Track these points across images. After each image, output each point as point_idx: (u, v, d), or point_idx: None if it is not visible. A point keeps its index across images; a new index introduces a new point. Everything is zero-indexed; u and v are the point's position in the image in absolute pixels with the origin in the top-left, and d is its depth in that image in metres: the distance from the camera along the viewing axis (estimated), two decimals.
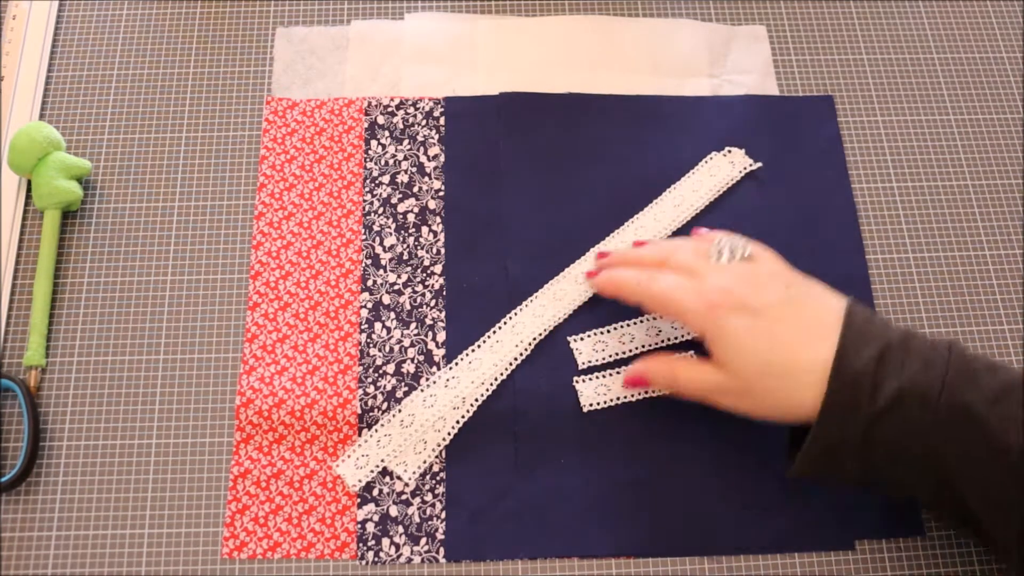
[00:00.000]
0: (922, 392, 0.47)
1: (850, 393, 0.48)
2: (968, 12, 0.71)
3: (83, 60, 0.67)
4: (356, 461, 0.56)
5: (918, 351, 0.48)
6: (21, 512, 0.55)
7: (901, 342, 0.49)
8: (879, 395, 0.47)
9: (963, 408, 0.46)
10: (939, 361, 0.48)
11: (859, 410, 0.48)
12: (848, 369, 0.48)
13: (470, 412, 0.57)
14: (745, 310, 0.51)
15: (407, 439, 0.56)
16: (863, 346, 0.48)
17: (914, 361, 0.48)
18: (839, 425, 0.48)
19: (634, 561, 0.54)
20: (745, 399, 0.52)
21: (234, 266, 0.61)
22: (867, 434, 0.48)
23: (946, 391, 0.47)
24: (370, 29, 0.68)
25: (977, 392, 0.47)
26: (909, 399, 0.47)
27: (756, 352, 0.50)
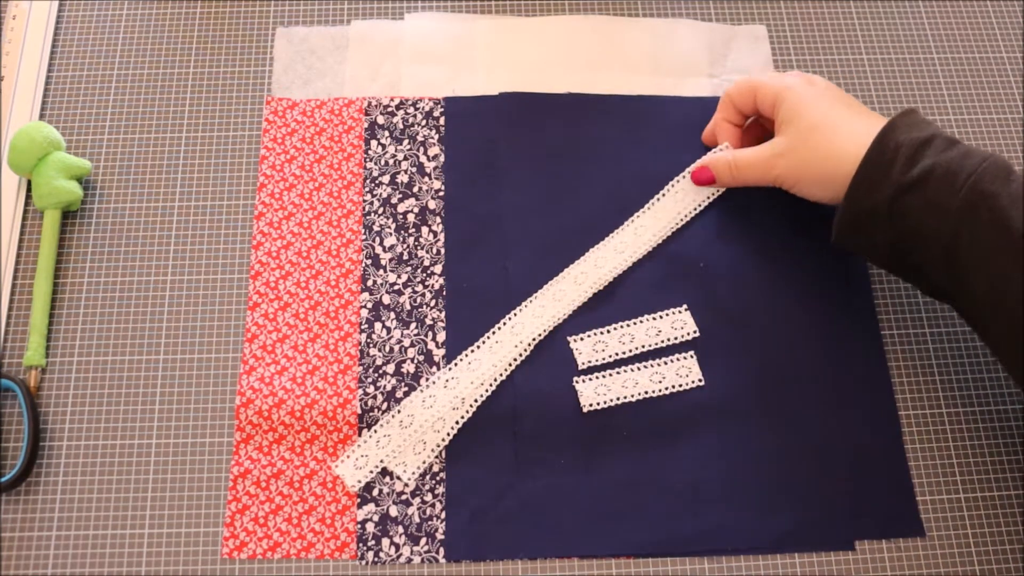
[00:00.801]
0: (953, 172, 0.50)
1: (887, 160, 0.51)
2: (968, 12, 0.71)
3: (83, 60, 0.67)
4: (356, 461, 0.56)
5: (963, 146, 0.51)
6: (21, 512, 0.55)
7: (950, 138, 0.52)
8: (913, 167, 0.51)
9: (986, 196, 0.48)
10: (978, 157, 0.50)
11: (890, 178, 0.51)
12: (891, 139, 0.52)
13: (469, 413, 0.57)
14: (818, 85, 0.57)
15: (407, 439, 0.56)
16: (914, 128, 0.52)
17: (955, 150, 0.51)
18: (870, 189, 0.52)
19: (634, 561, 0.54)
20: (797, 155, 0.55)
21: (234, 266, 0.61)
22: (894, 203, 0.51)
23: (975, 177, 0.49)
24: (370, 29, 0.68)
25: (1004, 187, 0.49)
26: (937, 176, 0.50)
27: (815, 109, 0.55)
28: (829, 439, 0.57)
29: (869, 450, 0.57)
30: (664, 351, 0.59)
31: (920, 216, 0.50)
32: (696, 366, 0.58)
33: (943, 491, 0.57)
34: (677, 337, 0.59)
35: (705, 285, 0.61)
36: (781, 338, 0.59)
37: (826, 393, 0.58)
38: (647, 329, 0.59)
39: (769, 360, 0.59)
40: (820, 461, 0.56)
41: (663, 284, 0.60)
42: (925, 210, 0.50)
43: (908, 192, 0.51)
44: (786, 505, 0.55)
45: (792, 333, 0.59)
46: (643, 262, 0.61)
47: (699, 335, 0.59)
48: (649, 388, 0.58)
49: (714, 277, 0.61)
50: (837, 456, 0.57)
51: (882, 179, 0.51)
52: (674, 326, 0.59)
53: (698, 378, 0.58)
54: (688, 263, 0.61)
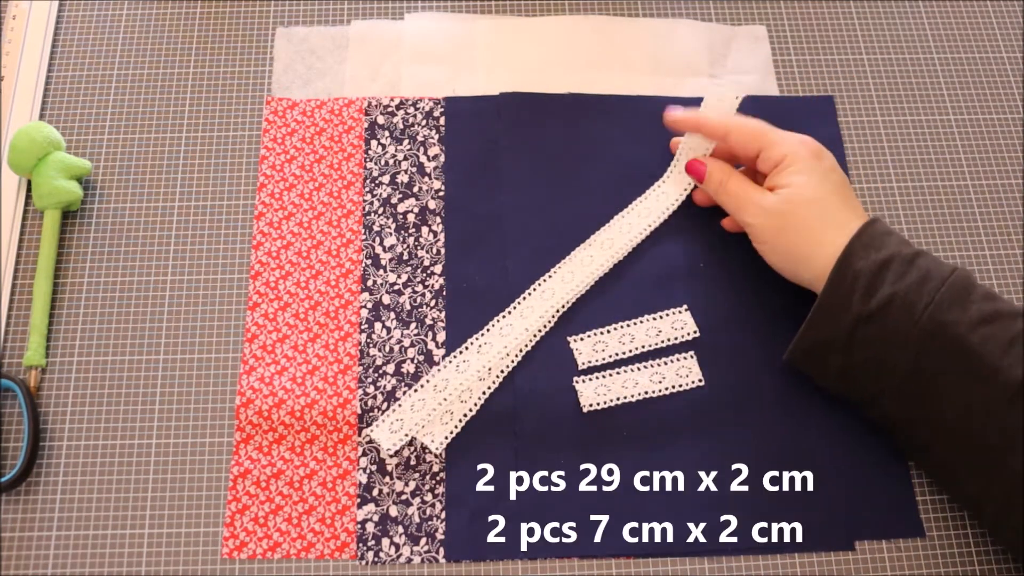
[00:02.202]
0: (910, 302, 0.50)
1: (847, 289, 0.51)
2: (968, 12, 0.71)
3: (83, 60, 0.67)
4: (390, 426, 0.56)
5: (922, 267, 0.51)
6: (21, 512, 0.55)
7: (910, 256, 0.52)
8: (871, 298, 0.50)
9: (943, 325, 0.49)
10: (937, 279, 0.50)
11: (850, 308, 0.51)
12: (851, 266, 0.51)
13: (496, 383, 0.57)
14: (825, 161, 0.56)
15: (439, 405, 0.56)
16: (872, 250, 0.52)
17: (914, 274, 0.51)
18: (831, 319, 0.52)
19: (634, 561, 0.54)
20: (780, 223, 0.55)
21: (234, 266, 0.61)
22: (853, 333, 0.51)
23: (933, 306, 0.49)
24: (370, 29, 0.68)
25: (963, 313, 0.49)
26: (896, 307, 0.50)
27: (814, 187, 0.55)
28: (829, 439, 0.57)
29: (869, 450, 0.57)
30: (664, 351, 0.59)
31: (879, 347, 0.51)
32: (696, 366, 0.58)
33: (943, 491, 0.56)
34: (677, 337, 0.59)
35: (705, 285, 0.61)
36: (781, 338, 0.59)
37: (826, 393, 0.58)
38: (647, 329, 0.59)
39: (769, 360, 0.59)
40: (820, 461, 0.56)
41: (663, 284, 0.61)
42: (884, 341, 0.50)
43: (867, 323, 0.51)
44: (786, 505, 0.55)
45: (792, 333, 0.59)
46: (643, 262, 0.61)
47: (699, 335, 0.59)
48: (649, 388, 0.58)
49: (714, 277, 0.61)
50: (837, 456, 0.57)
51: (841, 310, 0.51)
52: (674, 326, 0.59)
53: (698, 378, 0.58)
54: (688, 263, 0.61)
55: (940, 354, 0.49)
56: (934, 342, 0.49)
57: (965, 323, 0.49)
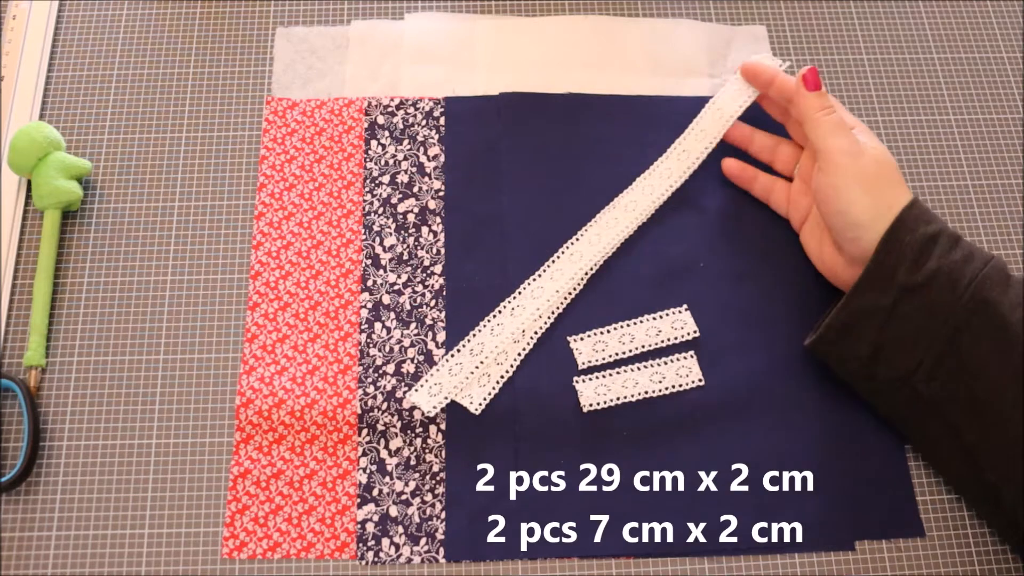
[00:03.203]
0: (955, 278, 0.51)
1: (895, 260, 0.52)
2: (968, 12, 0.71)
3: (83, 60, 0.67)
4: (430, 389, 0.56)
5: (966, 247, 0.52)
6: (21, 512, 0.55)
7: (955, 235, 0.53)
8: (918, 270, 0.51)
9: (986, 302, 0.50)
10: (980, 260, 0.52)
11: (897, 278, 0.52)
12: (901, 237, 0.52)
13: (530, 345, 0.58)
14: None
15: (476, 368, 0.57)
16: (922, 223, 0.53)
17: (959, 252, 0.52)
18: (878, 287, 0.52)
19: (634, 561, 0.54)
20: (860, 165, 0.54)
21: (234, 266, 0.61)
22: (896, 304, 0.51)
23: (977, 282, 0.50)
24: (370, 29, 0.68)
25: (1003, 294, 0.50)
26: (941, 281, 0.51)
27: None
28: (829, 439, 0.57)
29: (869, 450, 0.57)
30: (664, 351, 0.59)
31: (920, 319, 0.51)
32: (696, 366, 0.58)
33: (943, 491, 0.57)
34: (677, 337, 0.59)
35: (705, 285, 0.61)
36: (781, 338, 0.59)
37: (826, 393, 0.58)
38: (647, 329, 0.59)
39: (769, 360, 0.59)
40: (820, 461, 0.56)
41: (663, 284, 0.61)
42: (926, 314, 0.51)
43: (912, 294, 0.51)
44: (786, 505, 0.55)
45: (792, 333, 0.59)
46: (643, 262, 0.61)
47: (699, 335, 0.59)
48: (649, 388, 0.58)
49: (714, 277, 0.61)
50: (837, 456, 0.57)
51: (888, 279, 0.52)
52: (674, 326, 0.59)
53: (698, 378, 0.58)
54: (688, 263, 0.61)
55: (981, 330, 0.50)
56: (976, 318, 0.50)
57: (1007, 303, 0.50)
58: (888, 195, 0.54)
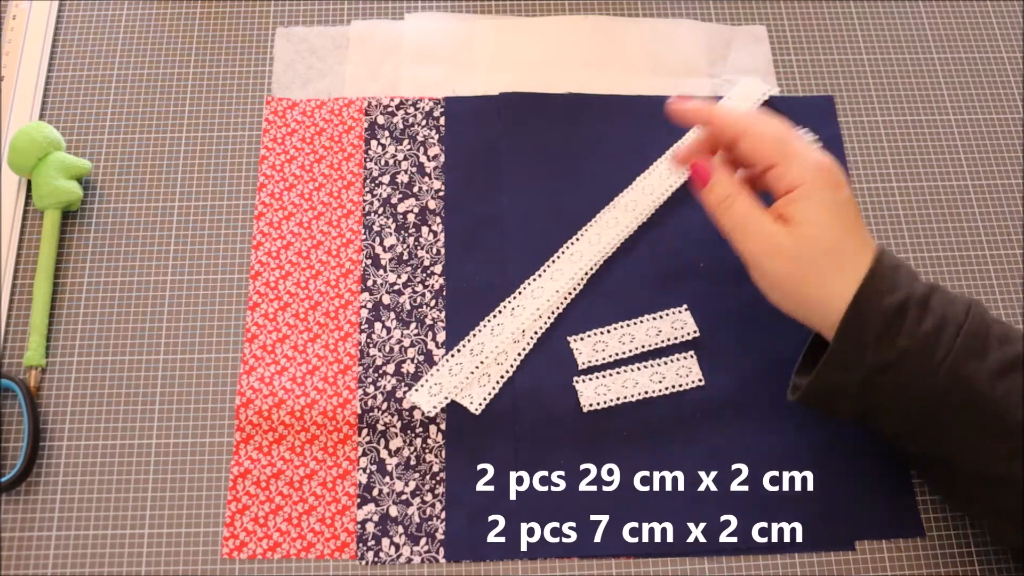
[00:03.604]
0: (927, 355, 0.47)
1: (860, 338, 0.48)
2: (968, 12, 0.71)
3: (83, 60, 0.67)
4: (430, 389, 0.56)
5: (937, 310, 0.48)
6: (21, 512, 0.55)
7: (923, 297, 0.48)
8: (886, 348, 0.47)
9: (963, 379, 0.47)
10: (953, 325, 0.47)
11: (864, 358, 0.48)
12: (863, 313, 0.48)
13: (530, 345, 0.58)
14: (841, 191, 0.50)
15: (477, 368, 0.57)
16: (886, 293, 0.48)
17: (930, 320, 0.47)
18: (844, 367, 0.49)
19: (634, 561, 0.54)
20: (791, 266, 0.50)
21: (234, 266, 0.61)
22: (867, 382, 0.48)
23: (950, 358, 0.47)
24: (370, 29, 0.68)
25: (981, 363, 0.47)
26: (913, 357, 0.47)
27: (835, 229, 0.49)
28: (829, 439, 0.57)
29: (869, 450, 0.57)
30: (664, 351, 0.59)
31: (895, 396, 0.48)
32: (696, 366, 0.58)
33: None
34: (677, 337, 0.59)
35: (705, 285, 0.61)
36: (781, 338, 0.59)
37: None
38: (647, 329, 0.59)
39: (769, 360, 0.59)
40: (820, 461, 0.56)
41: (663, 284, 0.61)
42: (900, 392, 0.48)
43: (883, 373, 0.48)
44: (786, 505, 0.55)
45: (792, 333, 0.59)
46: (643, 262, 0.61)
47: (699, 335, 0.59)
48: (649, 388, 0.58)
49: (714, 277, 0.61)
50: (837, 456, 0.57)
51: (855, 359, 0.48)
52: (674, 326, 0.59)
53: (698, 378, 0.58)
54: (688, 263, 0.61)
55: (960, 407, 0.47)
56: (954, 395, 0.47)
57: (984, 375, 0.46)
58: (831, 279, 0.49)
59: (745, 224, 0.51)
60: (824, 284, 0.49)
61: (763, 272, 0.51)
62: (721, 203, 0.52)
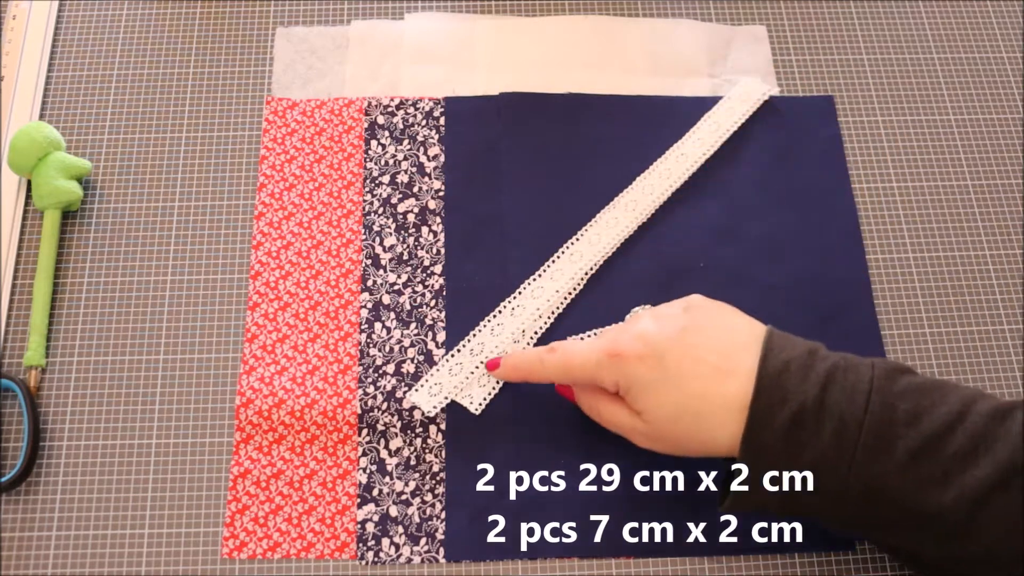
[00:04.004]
0: (834, 466, 0.46)
1: (763, 467, 0.47)
2: (968, 12, 0.71)
3: (83, 60, 0.67)
4: (430, 389, 0.56)
5: (834, 411, 0.46)
6: (21, 512, 0.55)
7: (817, 398, 0.46)
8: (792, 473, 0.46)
9: (873, 480, 0.45)
10: (853, 425, 0.46)
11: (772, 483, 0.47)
12: (758, 444, 0.47)
13: (530, 345, 0.58)
14: (650, 356, 0.49)
15: (476, 367, 0.57)
16: (776, 408, 0.46)
17: (827, 427, 0.46)
18: (755, 496, 0.48)
19: (634, 561, 0.54)
20: (662, 443, 0.51)
21: (234, 266, 0.61)
22: (784, 503, 0.47)
23: (856, 466, 0.45)
24: (370, 29, 0.68)
25: (889, 459, 0.45)
26: (821, 474, 0.46)
27: (667, 399, 0.49)
28: None
29: None
30: None
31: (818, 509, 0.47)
32: None
33: None
34: None
35: (705, 285, 0.61)
36: None
37: None
38: None
39: None
40: None
41: (663, 284, 0.60)
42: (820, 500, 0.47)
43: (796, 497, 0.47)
44: None
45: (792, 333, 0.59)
46: (643, 262, 0.61)
47: None
48: None
49: (714, 277, 0.61)
50: None
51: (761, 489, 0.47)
52: None
53: None
54: (688, 263, 0.61)
55: (882, 505, 0.46)
56: (871, 495, 0.46)
57: (895, 471, 0.45)
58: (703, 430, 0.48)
59: (614, 424, 0.52)
60: (698, 437, 0.49)
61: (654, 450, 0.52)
62: (590, 411, 0.54)
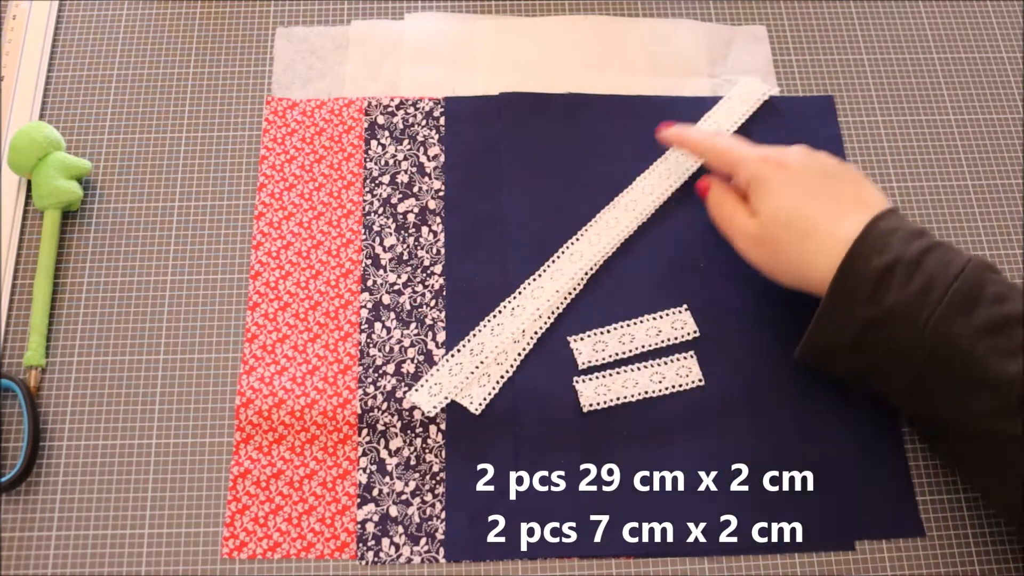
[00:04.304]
0: (912, 314, 0.49)
1: (849, 300, 0.50)
2: (968, 12, 0.71)
3: (83, 60, 0.67)
4: (430, 389, 0.56)
5: (927, 270, 0.49)
6: (21, 512, 0.55)
7: (915, 258, 0.50)
8: (874, 305, 0.49)
9: (947, 337, 0.48)
10: (941, 286, 0.49)
11: (853, 318, 0.50)
12: (852, 275, 0.50)
13: (530, 345, 0.58)
14: (791, 169, 0.55)
15: (476, 368, 0.57)
16: (874, 255, 0.50)
17: (918, 280, 0.49)
18: (833, 328, 0.51)
19: (634, 561, 0.54)
20: (767, 249, 0.55)
21: (234, 266, 0.61)
22: (858, 341, 0.50)
23: (935, 317, 0.48)
24: (370, 29, 0.68)
25: (967, 323, 0.48)
26: (899, 317, 0.49)
27: (786, 205, 0.54)
28: (829, 439, 0.57)
29: (869, 450, 0.57)
30: (664, 351, 0.59)
31: (886, 354, 0.50)
32: (696, 366, 0.58)
33: (943, 491, 0.57)
34: (677, 337, 0.59)
35: (705, 285, 0.61)
36: (781, 338, 0.59)
37: (826, 393, 0.58)
38: (647, 329, 0.59)
39: (769, 360, 0.59)
40: (820, 461, 0.56)
41: (663, 284, 0.61)
42: (890, 350, 0.50)
43: (871, 330, 0.50)
44: (786, 505, 0.55)
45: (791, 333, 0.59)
46: (643, 262, 0.61)
47: (699, 335, 0.59)
48: (649, 388, 0.58)
49: (714, 277, 0.61)
50: (837, 456, 0.57)
51: (846, 316, 0.50)
52: (674, 326, 0.59)
53: (698, 378, 0.58)
54: (688, 263, 0.61)
55: (946, 365, 0.48)
56: (939, 354, 0.48)
57: (970, 333, 0.47)
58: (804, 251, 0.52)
59: (729, 222, 0.57)
60: (805, 259, 0.53)
61: (749, 259, 0.56)
62: (713, 207, 0.59)
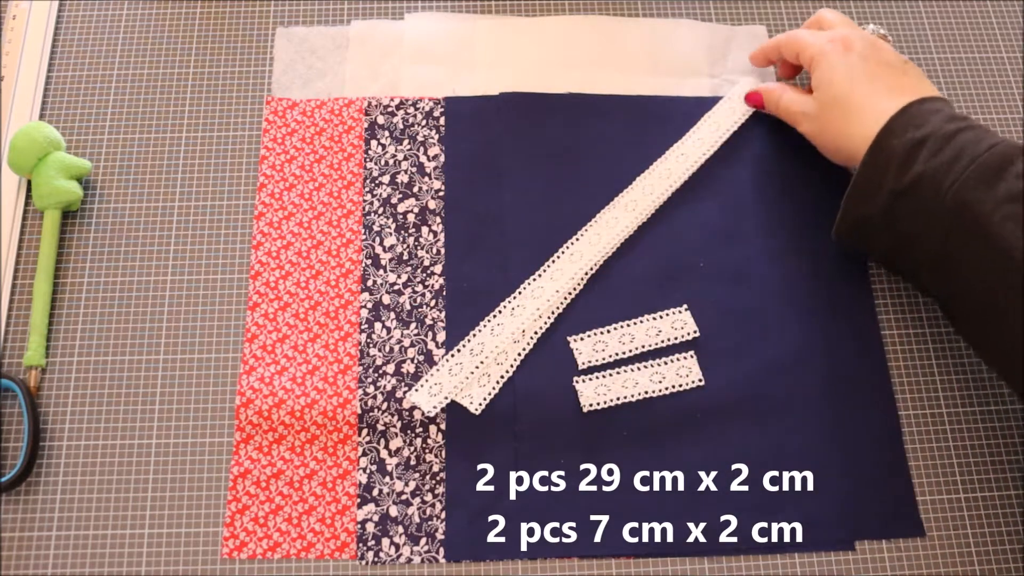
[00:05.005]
0: (938, 180, 0.50)
1: (881, 168, 0.53)
2: (968, 12, 0.71)
3: (83, 60, 0.67)
4: (430, 389, 0.56)
5: (958, 144, 0.51)
6: (21, 512, 0.55)
7: (949, 134, 0.52)
8: (904, 175, 0.52)
9: (967, 205, 0.49)
10: (968, 157, 0.50)
11: (884, 186, 0.52)
12: (885, 146, 0.53)
13: (530, 345, 0.58)
14: (855, 52, 0.58)
15: (476, 368, 0.57)
16: (910, 129, 0.52)
17: (948, 152, 0.51)
18: (865, 200, 0.54)
19: (634, 561, 0.54)
20: (819, 124, 0.59)
21: (234, 266, 0.61)
22: (886, 212, 0.52)
23: (958, 184, 0.49)
24: (370, 29, 0.68)
25: (988, 191, 0.49)
26: (925, 185, 0.51)
27: (843, 82, 0.57)
28: (829, 439, 0.57)
29: (869, 450, 0.57)
30: (664, 351, 0.59)
31: (913, 223, 0.52)
32: (696, 366, 0.58)
33: (943, 491, 0.57)
34: (677, 337, 0.59)
35: (705, 285, 0.61)
36: (781, 338, 0.59)
37: (826, 393, 0.58)
38: (647, 329, 0.59)
39: (769, 360, 0.59)
40: (820, 461, 0.56)
41: (663, 284, 0.61)
42: (915, 217, 0.52)
43: (901, 198, 0.52)
44: (786, 505, 0.55)
45: (792, 333, 0.59)
46: (643, 262, 0.61)
47: (699, 335, 0.59)
48: (649, 388, 0.58)
49: (714, 277, 0.61)
50: (837, 456, 0.57)
51: (877, 187, 0.53)
52: (674, 326, 0.59)
53: (698, 378, 0.58)
54: (688, 263, 0.61)
55: (964, 233, 0.49)
56: (958, 221, 0.50)
57: (990, 202, 0.49)
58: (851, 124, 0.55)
59: (788, 106, 0.62)
60: (845, 131, 0.56)
61: (806, 134, 0.61)
62: (776, 107, 0.63)
